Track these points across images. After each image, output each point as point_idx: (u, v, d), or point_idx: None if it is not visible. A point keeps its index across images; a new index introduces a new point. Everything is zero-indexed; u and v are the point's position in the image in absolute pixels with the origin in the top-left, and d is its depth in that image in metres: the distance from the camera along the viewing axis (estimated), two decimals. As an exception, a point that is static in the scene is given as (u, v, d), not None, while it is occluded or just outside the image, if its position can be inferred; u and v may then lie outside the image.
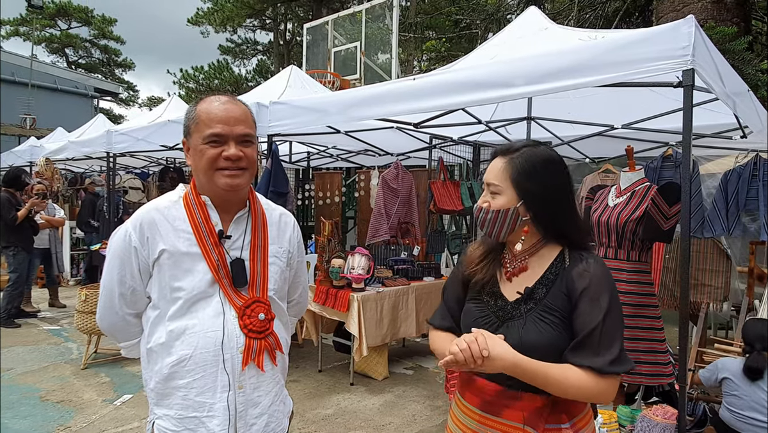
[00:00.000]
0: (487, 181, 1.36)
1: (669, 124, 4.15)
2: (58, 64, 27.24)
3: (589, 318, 1.23)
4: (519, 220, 1.32)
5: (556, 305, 1.27)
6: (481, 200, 1.37)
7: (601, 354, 1.21)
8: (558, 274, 1.30)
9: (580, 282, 1.26)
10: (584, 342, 1.23)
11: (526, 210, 1.31)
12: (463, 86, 2.98)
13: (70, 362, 4.91)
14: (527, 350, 1.22)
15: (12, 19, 27.04)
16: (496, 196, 1.33)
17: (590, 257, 1.30)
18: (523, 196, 1.31)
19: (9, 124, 15.56)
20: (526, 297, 1.30)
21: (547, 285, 1.30)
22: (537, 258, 1.35)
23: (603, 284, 1.26)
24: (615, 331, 1.24)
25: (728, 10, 6.43)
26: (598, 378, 1.21)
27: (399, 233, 5.83)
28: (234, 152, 1.35)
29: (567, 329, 1.26)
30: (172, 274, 1.37)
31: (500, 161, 1.35)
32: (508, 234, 1.35)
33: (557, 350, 1.24)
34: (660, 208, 2.86)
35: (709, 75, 2.43)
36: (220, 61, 23.72)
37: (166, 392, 1.38)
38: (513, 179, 1.31)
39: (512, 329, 1.28)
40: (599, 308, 1.23)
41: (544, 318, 1.27)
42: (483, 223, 1.36)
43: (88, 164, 9.89)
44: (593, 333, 1.22)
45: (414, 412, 3.92)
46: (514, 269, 1.36)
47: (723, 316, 5.09)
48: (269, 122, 4.22)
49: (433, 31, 14.41)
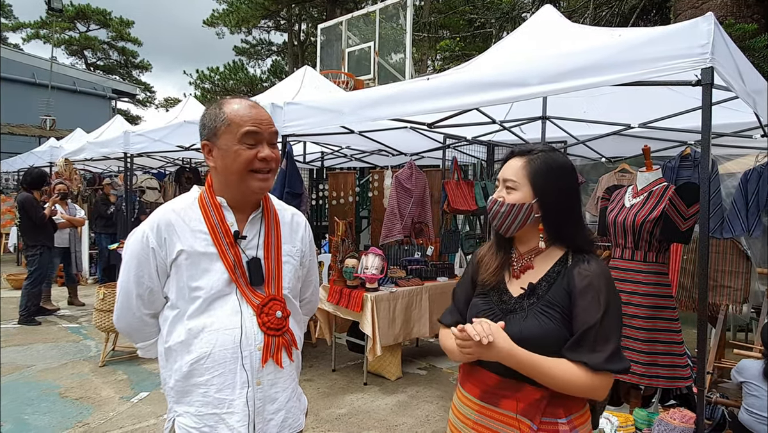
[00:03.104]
0: (503, 178, 1.41)
1: (687, 123, 4.09)
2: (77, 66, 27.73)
3: (588, 316, 1.27)
4: (531, 216, 1.37)
5: (557, 301, 1.31)
6: (496, 194, 1.43)
7: (596, 351, 1.25)
8: (560, 272, 1.35)
9: (580, 280, 1.30)
10: (581, 339, 1.27)
11: (539, 208, 1.36)
12: (477, 86, 2.97)
13: (88, 359, 4.99)
14: (526, 340, 1.27)
15: (32, 22, 27.58)
16: (512, 191, 1.38)
17: (592, 258, 1.35)
18: (539, 194, 1.36)
19: (29, 125, 15.88)
20: (529, 292, 1.36)
21: (550, 282, 1.35)
22: (542, 258, 1.40)
23: (602, 283, 1.30)
24: (612, 330, 1.27)
25: (748, 6, 6.31)
26: (591, 374, 1.24)
27: (412, 232, 5.82)
28: (268, 153, 1.39)
29: (566, 324, 1.30)
30: (190, 274, 1.39)
31: (519, 160, 1.40)
32: (517, 229, 1.39)
33: (555, 342, 1.28)
34: (678, 208, 2.82)
35: (729, 73, 2.39)
36: (236, 61, 23.94)
37: (186, 390, 1.40)
38: (530, 177, 1.37)
39: (513, 321, 1.33)
40: (597, 306, 1.27)
41: (545, 312, 1.31)
42: (495, 215, 1.40)
43: (106, 165, 10.05)
44: (590, 330, 1.26)
45: (427, 412, 3.91)
46: (521, 267, 1.42)
47: (742, 318, 4.99)
48: (284, 123, 4.24)
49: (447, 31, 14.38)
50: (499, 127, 4.94)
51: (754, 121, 3.44)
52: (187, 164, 9.07)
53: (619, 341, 1.28)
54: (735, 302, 4.28)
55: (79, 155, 7.99)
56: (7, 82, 17.23)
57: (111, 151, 7.05)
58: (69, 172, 8.33)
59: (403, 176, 5.84)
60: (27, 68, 18.24)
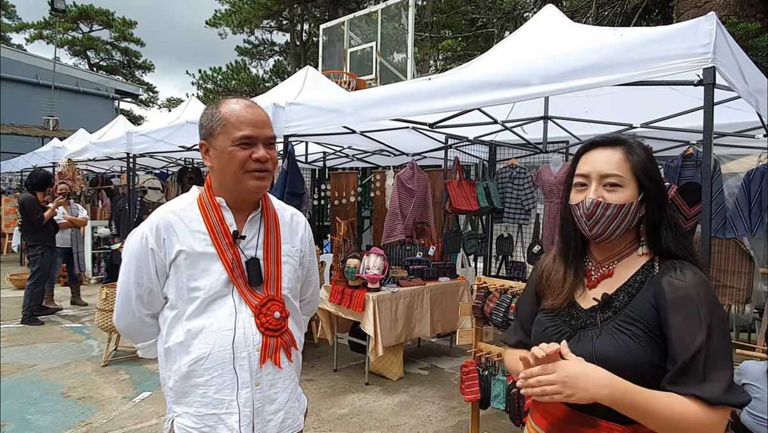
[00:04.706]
0: (602, 173, 1.18)
1: (689, 123, 4.08)
2: (80, 66, 27.84)
3: (689, 338, 1.05)
4: (636, 217, 1.19)
5: (639, 316, 1.11)
6: (593, 195, 1.18)
7: (710, 380, 1.03)
8: (644, 282, 1.15)
9: (672, 292, 1.09)
10: (687, 367, 1.05)
11: (641, 206, 1.19)
12: (478, 86, 2.97)
13: (91, 359, 5.01)
14: (600, 364, 1.07)
15: (36, 22, 27.68)
16: (617, 189, 1.17)
17: (686, 267, 1.13)
18: (645, 190, 1.18)
19: (33, 126, 15.94)
20: (603, 305, 1.17)
21: (631, 293, 1.15)
22: (624, 264, 1.20)
23: (703, 295, 1.08)
24: (722, 352, 1.06)
25: (751, 5, 6.30)
26: (707, 409, 1.03)
27: (414, 233, 5.82)
28: (263, 154, 1.38)
29: (652, 344, 1.09)
30: (189, 274, 1.39)
31: (614, 152, 1.19)
32: (623, 233, 1.19)
33: (637, 367, 1.08)
34: (680, 208, 2.82)
35: (731, 72, 2.39)
36: (238, 62, 23.99)
37: (185, 390, 1.40)
38: (635, 172, 1.17)
39: (585, 340, 1.15)
40: (699, 324, 1.05)
41: (624, 329, 1.12)
42: (599, 219, 1.17)
43: (109, 165, 10.07)
44: (697, 356, 1.04)
45: (429, 412, 3.91)
46: (599, 276, 1.22)
47: (745, 318, 4.98)
48: (285, 123, 4.25)
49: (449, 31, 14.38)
50: (500, 127, 4.93)
51: (756, 121, 3.43)
52: (190, 164, 9.08)
53: (732, 366, 1.07)
54: (738, 303, 4.26)
55: (82, 155, 8.02)
56: (11, 82, 17.32)
57: (114, 151, 7.07)
58: (72, 173, 8.35)
59: (405, 176, 5.84)
60: (30, 69, 18.33)
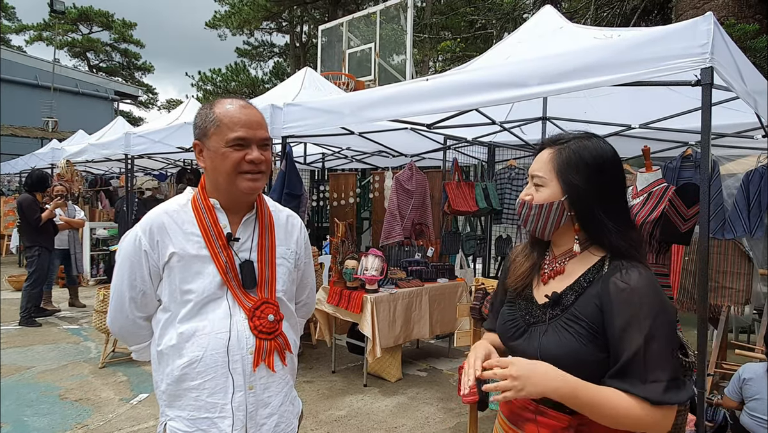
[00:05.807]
0: (531, 173, 1.26)
1: (688, 124, 4.07)
2: (80, 68, 27.85)
3: (628, 340, 1.08)
4: (564, 216, 1.21)
5: (584, 314, 1.14)
6: (524, 193, 1.26)
7: (649, 381, 1.06)
8: (592, 281, 1.18)
9: (616, 293, 1.11)
10: (627, 368, 1.08)
11: (570, 206, 1.19)
12: (477, 86, 2.96)
13: (88, 360, 4.99)
14: (544, 360, 1.12)
15: (35, 24, 27.69)
16: (540, 188, 1.22)
17: (632, 267, 1.14)
18: (568, 190, 1.19)
19: (32, 127, 15.94)
20: (552, 302, 1.20)
21: (578, 291, 1.18)
22: (577, 262, 1.23)
23: (645, 299, 1.10)
24: (663, 355, 1.08)
25: (750, 6, 6.30)
26: (649, 408, 1.06)
27: (413, 234, 5.81)
28: (257, 155, 1.36)
29: (594, 342, 1.12)
30: (183, 277, 1.37)
31: (547, 152, 1.24)
32: (552, 231, 1.23)
33: (578, 363, 1.12)
34: (678, 209, 2.80)
35: (729, 73, 2.38)
36: (237, 63, 24.00)
37: (177, 394, 1.39)
38: (558, 171, 1.20)
39: (534, 336, 1.20)
40: (638, 328, 1.07)
41: (568, 327, 1.15)
42: (526, 219, 1.25)
43: (108, 166, 10.07)
44: (636, 357, 1.07)
45: (427, 414, 3.90)
46: (551, 272, 1.26)
47: (744, 319, 4.97)
48: (284, 124, 4.24)
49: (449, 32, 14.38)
50: (499, 128, 4.93)
51: (755, 122, 3.42)
52: (189, 166, 9.07)
53: (675, 365, 1.09)
54: (737, 304, 4.25)
55: (80, 157, 8.01)
56: (10, 84, 17.32)
57: (112, 152, 7.07)
58: (70, 174, 8.34)
59: (404, 177, 5.83)
60: (30, 70, 18.33)
